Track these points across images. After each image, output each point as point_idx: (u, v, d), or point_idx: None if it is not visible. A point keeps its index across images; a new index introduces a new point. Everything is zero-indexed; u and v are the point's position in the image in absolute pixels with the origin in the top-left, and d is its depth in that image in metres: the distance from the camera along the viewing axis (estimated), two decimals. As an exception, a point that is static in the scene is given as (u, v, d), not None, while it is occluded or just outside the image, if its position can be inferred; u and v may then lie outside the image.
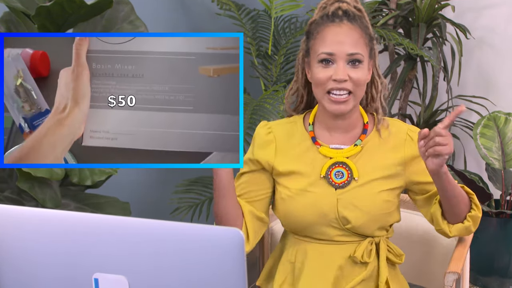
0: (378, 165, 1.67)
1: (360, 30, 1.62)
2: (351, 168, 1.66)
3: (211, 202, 2.68)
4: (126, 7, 2.06)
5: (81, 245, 1.09)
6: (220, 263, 1.03)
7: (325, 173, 1.66)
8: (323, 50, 1.60)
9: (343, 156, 1.67)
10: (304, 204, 1.66)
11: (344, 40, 1.59)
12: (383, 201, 1.66)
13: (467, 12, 3.53)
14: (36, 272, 1.13)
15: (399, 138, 1.69)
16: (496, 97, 3.48)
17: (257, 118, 2.31)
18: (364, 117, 1.71)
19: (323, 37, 1.61)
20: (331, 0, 1.65)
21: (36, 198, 1.88)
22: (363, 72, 1.60)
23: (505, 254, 3.12)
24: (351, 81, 1.59)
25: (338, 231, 1.66)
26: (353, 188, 1.66)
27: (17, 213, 1.15)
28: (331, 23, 1.61)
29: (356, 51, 1.59)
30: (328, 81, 1.59)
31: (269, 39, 2.92)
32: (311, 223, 1.66)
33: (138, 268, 1.07)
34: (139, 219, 1.06)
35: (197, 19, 2.98)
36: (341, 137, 1.69)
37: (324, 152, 1.68)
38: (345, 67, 1.59)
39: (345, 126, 1.67)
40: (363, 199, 1.65)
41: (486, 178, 3.21)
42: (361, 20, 1.63)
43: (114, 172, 1.97)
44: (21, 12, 1.89)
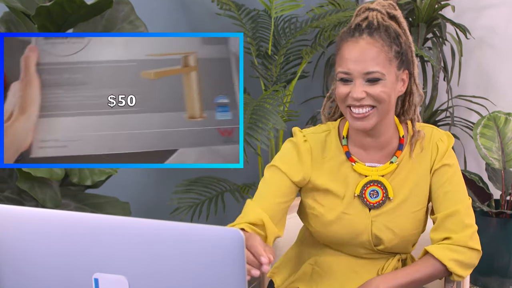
0: (413, 183, 1.62)
1: (381, 43, 1.52)
2: (386, 187, 1.60)
3: (211, 202, 2.68)
4: (126, 7, 2.05)
5: (81, 245, 1.09)
6: (220, 263, 1.02)
7: (359, 192, 1.61)
8: (340, 69, 1.54)
9: (378, 174, 1.61)
10: (338, 226, 1.61)
11: (360, 58, 1.51)
12: (417, 221, 1.62)
13: (467, 12, 3.53)
14: (36, 272, 1.13)
15: (428, 149, 1.62)
16: (496, 97, 3.48)
17: (257, 118, 2.31)
18: (400, 130, 1.64)
19: (341, 55, 1.55)
20: (363, 8, 1.59)
21: (36, 198, 1.88)
22: (384, 88, 1.52)
23: (505, 254, 3.12)
24: (370, 97, 1.52)
25: (368, 250, 1.64)
26: (388, 209, 1.61)
27: (17, 213, 1.14)
28: (350, 39, 1.54)
29: (373, 70, 1.50)
30: (347, 98, 1.53)
31: (269, 39, 2.92)
32: (343, 242, 1.63)
33: (138, 268, 1.07)
34: (139, 219, 1.06)
35: (197, 19, 2.98)
36: (376, 154, 1.62)
37: (359, 169, 1.61)
38: (361, 85, 1.51)
39: (378, 143, 1.61)
40: (397, 220, 1.61)
41: (486, 178, 3.21)
42: (387, 31, 1.54)
43: (114, 172, 1.97)
44: (21, 12, 1.88)
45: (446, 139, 1.63)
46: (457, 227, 1.59)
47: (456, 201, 1.60)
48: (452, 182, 1.61)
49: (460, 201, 1.60)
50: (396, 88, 1.55)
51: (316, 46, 2.82)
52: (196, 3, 2.96)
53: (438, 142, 1.62)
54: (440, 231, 1.61)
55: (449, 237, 1.59)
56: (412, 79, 1.60)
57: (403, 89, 1.58)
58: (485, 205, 3.07)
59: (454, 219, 1.59)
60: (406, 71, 1.58)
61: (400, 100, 1.63)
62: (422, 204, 1.62)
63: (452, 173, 1.62)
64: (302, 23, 2.98)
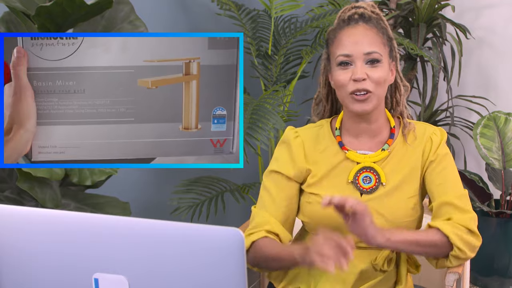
0: (405, 171, 1.66)
1: (376, 30, 1.62)
2: (379, 173, 1.65)
3: (211, 202, 2.68)
4: (126, 7, 2.05)
5: (81, 245, 1.09)
6: (220, 263, 1.02)
7: (353, 178, 1.65)
8: (340, 52, 1.60)
9: (371, 161, 1.66)
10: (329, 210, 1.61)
11: (359, 40, 1.60)
12: (409, 209, 1.65)
13: (467, 12, 3.53)
14: (36, 272, 1.13)
15: (423, 142, 1.67)
16: (496, 97, 3.48)
17: (257, 118, 2.31)
18: (391, 121, 1.70)
19: (339, 40, 1.62)
20: (349, 7, 1.67)
21: (36, 198, 1.88)
22: (382, 71, 1.60)
23: (505, 254, 3.12)
24: (370, 80, 1.58)
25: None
26: (380, 195, 1.64)
27: (17, 213, 1.14)
28: (347, 26, 1.63)
29: (373, 50, 1.59)
30: (348, 83, 1.59)
31: (269, 39, 2.92)
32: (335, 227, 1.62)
33: (138, 268, 1.07)
34: (139, 219, 1.06)
35: (197, 19, 2.98)
36: (368, 142, 1.68)
37: (352, 157, 1.66)
38: (363, 66, 1.58)
39: (371, 130, 1.67)
40: (389, 206, 1.64)
41: (486, 178, 3.21)
42: (378, 22, 1.64)
43: (114, 172, 1.97)
44: (21, 12, 1.88)
45: (439, 133, 1.69)
46: (455, 212, 1.62)
47: (452, 190, 1.64)
48: (446, 172, 1.66)
49: (457, 190, 1.65)
50: (388, 74, 1.64)
51: (316, 46, 2.82)
52: (196, 3, 2.96)
53: (432, 135, 1.68)
54: (439, 218, 1.64)
55: (450, 218, 1.62)
56: (397, 73, 1.68)
57: (392, 79, 1.67)
58: (485, 205, 3.07)
59: (451, 207, 1.62)
60: (393, 63, 1.66)
61: (388, 93, 1.70)
62: (414, 192, 1.66)
63: (446, 163, 1.66)
64: (302, 23, 2.98)
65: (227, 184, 2.80)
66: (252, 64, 2.91)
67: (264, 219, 1.66)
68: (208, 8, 2.97)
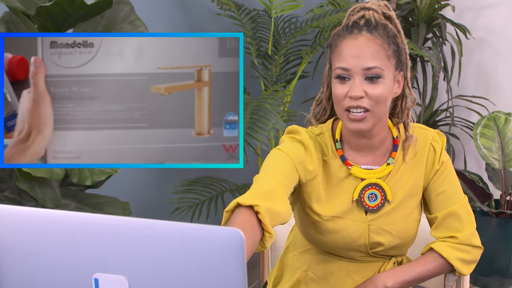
0: (408, 185, 1.60)
1: (381, 40, 1.48)
2: (384, 190, 1.58)
3: (211, 202, 2.68)
4: (126, 7, 2.05)
5: (81, 245, 1.09)
6: (220, 263, 1.02)
7: (357, 197, 1.58)
8: (339, 64, 1.49)
9: (376, 177, 1.58)
10: (334, 231, 1.58)
11: (360, 53, 1.47)
12: (413, 221, 1.61)
13: (467, 12, 3.53)
14: (36, 272, 1.13)
15: (424, 151, 1.60)
16: (496, 97, 3.48)
17: (257, 118, 2.31)
18: (394, 132, 1.61)
19: (339, 51, 1.50)
20: (358, 7, 1.55)
21: (36, 198, 1.88)
22: (383, 88, 1.48)
23: (505, 254, 3.12)
24: (369, 97, 1.47)
25: (363, 254, 1.63)
26: (385, 212, 1.59)
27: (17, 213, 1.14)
28: (349, 35, 1.49)
29: (374, 65, 1.46)
30: (344, 99, 1.48)
31: (269, 39, 2.92)
32: (338, 247, 1.61)
33: (138, 268, 1.07)
34: (139, 219, 1.06)
35: (197, 19, 2.98)
36: (370, 155, 1.59)
37: (356, 173, 1.58)
38: (361, 83, 1.47)
39: (372, 144, 1.58)
40: (394, 222, 1.59)
41: (486, 178, 3.21)
42: (385, 29, 1.50)
43: (114, 172, 1.97)
44: (21, 12, 1.88)
45: (439, 139, 1.62)
46: (459, 225, 1.60)
47: (454, 199, 1.61)
48: (449, 180, 1.62)
49: (459, 199, 1.61)
50: (392, 88, 1.52)
51: (316, 46, 2.82)
52: (196, 3, 2.96)
53: (433, 142, 1.61)
54: (443, 230, 1.61)
55: (454, 236, 1.59)
56: (405, 82, 1.57)
57: (399, 91, 1.55)
58: (485, 205, 3.07)
59: (455, 218, 1.60)
60: (401, 73, 1.55)
61: (392, 103, 1.59)
62: (417, 202, 1.62)
63: (448, 171, 1.62)
64: (302, 23, 2.98)
65: (227, 184, 2.80)
66: (252, 64, 2.91)
67: (265, 181, 1.44)
68: (208, 8, 2.97)
